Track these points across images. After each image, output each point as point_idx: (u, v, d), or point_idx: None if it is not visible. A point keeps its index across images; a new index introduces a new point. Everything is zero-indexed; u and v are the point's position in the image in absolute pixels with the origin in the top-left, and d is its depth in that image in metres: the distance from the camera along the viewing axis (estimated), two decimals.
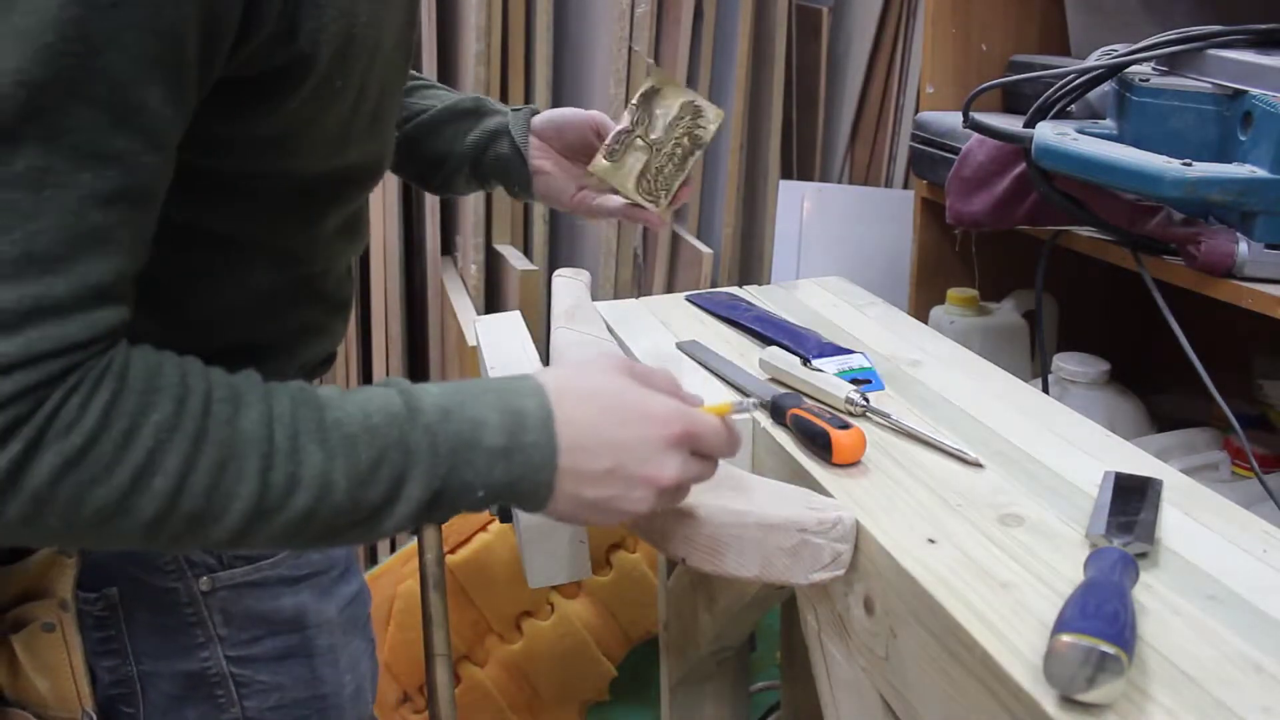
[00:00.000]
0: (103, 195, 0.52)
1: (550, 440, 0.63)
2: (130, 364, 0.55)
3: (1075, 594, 0.59)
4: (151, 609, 0.76)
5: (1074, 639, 0.54)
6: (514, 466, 0.62)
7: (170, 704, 0.78)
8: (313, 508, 0.58)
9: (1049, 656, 0.55)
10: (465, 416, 0.62)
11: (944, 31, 1.58)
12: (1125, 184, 1.08)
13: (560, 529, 0.91)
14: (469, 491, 0.62)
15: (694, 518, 0.72)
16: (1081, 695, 0.54)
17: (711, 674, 1.26)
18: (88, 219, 0.52)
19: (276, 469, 0.57)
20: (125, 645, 0.76)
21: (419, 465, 0.60)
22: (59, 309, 0.52)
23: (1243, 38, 1.10)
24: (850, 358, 0.99)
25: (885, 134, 2.20)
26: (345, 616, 0.85)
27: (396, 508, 0.60)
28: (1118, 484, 0.76)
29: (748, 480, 0.78)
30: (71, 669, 0.74)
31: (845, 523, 0.72)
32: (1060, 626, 0.56)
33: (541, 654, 1.61)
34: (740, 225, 2.08)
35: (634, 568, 1.63)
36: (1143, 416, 1.45)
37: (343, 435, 0.59)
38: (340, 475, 0.58)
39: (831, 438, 0.80)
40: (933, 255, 1.63)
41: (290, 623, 0.80)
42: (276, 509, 0.57)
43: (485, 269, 1.93)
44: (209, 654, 0.78)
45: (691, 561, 0.74)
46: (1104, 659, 0.53)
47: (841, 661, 0.77)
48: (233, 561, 0.77)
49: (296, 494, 0.57)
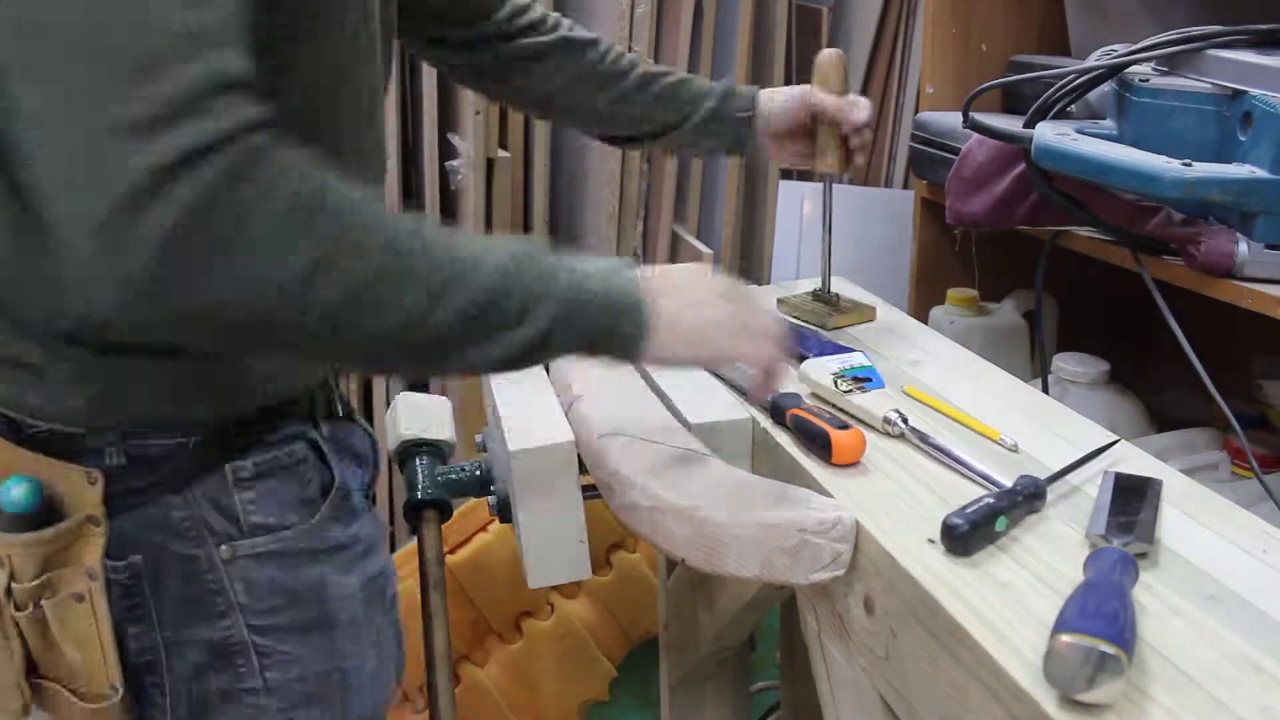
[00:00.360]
0: None
1: (641, 292, 0.71)
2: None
3: (1075, 594, 0.59)
4: (175, 577, 0.76)
5: (1074, 639, 0.54)
6: (617, 317, 0.70)
7: (194, 673, 0.78)
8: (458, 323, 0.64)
9: (1049, 656, 0.55)
10: (580, 265, 0.70)
11: (944, 31, 1.58)
12: (1125, 184, 1.08)
13: (560, 529, 0.92)
14: (585, 327, 0.69)
15: (694, 518, 0.72)
16: (1081, 695, 0.54)
17: (711, 674, 1.26)
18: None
19: (439, 270, 0.63)
20: (150, 613, 0.77)
21: (547, 297, 0.67)
22: (242, 82, 0.57)
23: (1243, 38, 1.10)
24: (850, 356, 0.99)
25: (885, 134, 2.20)
26: (368, 592, 0.84)
27: (523, 329, 0.66)
28: (1118, 484, 0.76)
29: (747, 481, 0.78)
30: (100, 641, 0.75)
31: (845, 523, 0.72)
32: (1060, 626, 0.56)
33: (541, 654, 1.61)
34: (740, 225, 2.08)
35: (634, 568, 1.63)
36: (1143, 416, 1.45)
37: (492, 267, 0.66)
38: (494, 269, 0.65)
39: (831, 438, 0.80)
40: (933, 255, 1.63)
41: (311, 594, 0.80)
42: (439, 296, 0.63)
43: None
44: (230, 622, 0.78)
45: (692, 562, 0.74)
46: (1104, 659, 0.53)
47: (841, 661, 0.77)
48: (254, 530, 0.77)
49: (451, 302, 0.63)
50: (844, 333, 1.09)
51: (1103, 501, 0.73)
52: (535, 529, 0.91)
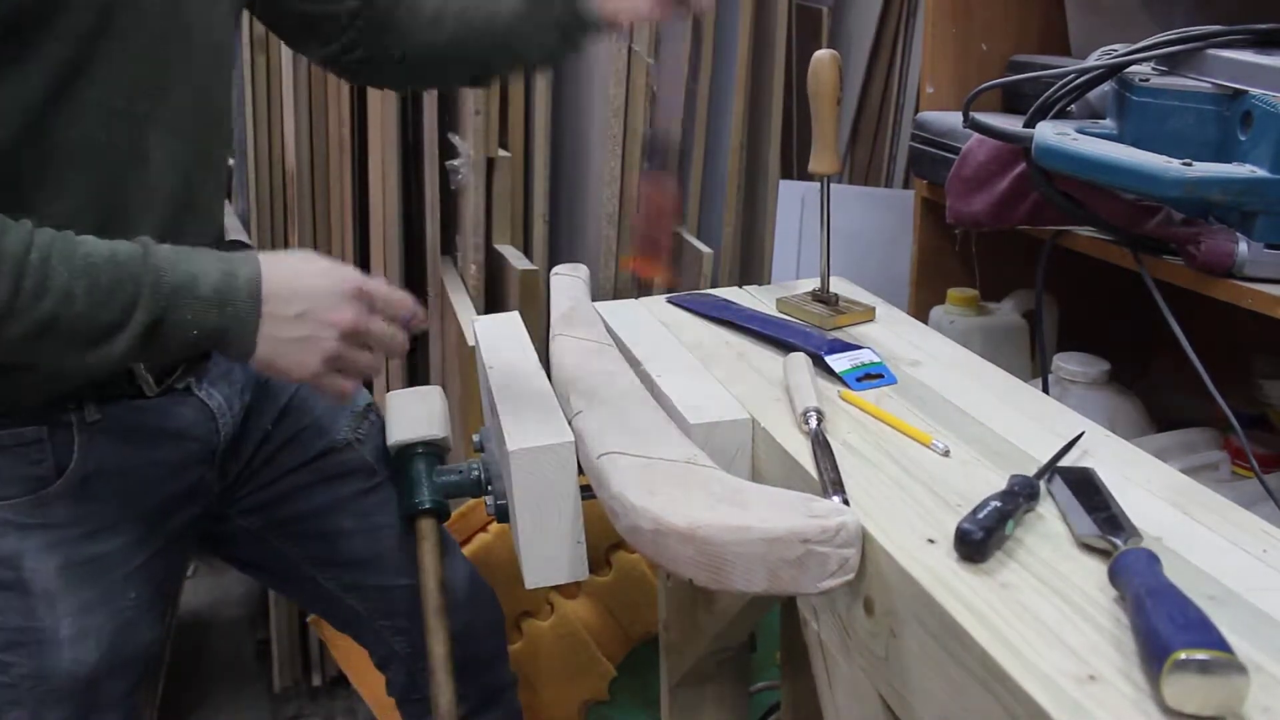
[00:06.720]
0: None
1: (255, 300, 0.80)
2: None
3: (1150, 607, 0.58)
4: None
5: (1193, 654, 0.53)
6: (224, 317, 0.80)
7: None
8: (55, 314, 0.75)
9: (1172, 680, 0.53)
10: (189, 268, 0.79)
11: (944, 31, 1.58)
12: (1125, 184, 1.08)
13: (558, 530, 0.92)
14: (185, 329, 0.79)
15: (696, 538, 0.71)
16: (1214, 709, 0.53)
17: (711, 674, 1.25)
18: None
19: (28, 277, 0.74)
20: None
21: (145, 295, 0.77)
22: None
23: (1243, 38, 1.10)
24: (860, 353, 0.99)
25: (885, 134, 2.20)
26: (77, 573, 0.96)
27: (126, 330, 0.77)
28: (1068, 480, 0.76)
29: (746, 490, 0.76)
30: None
31: (849, 528, 0.70)
32: (1169, 647, 0.54)
33: (541, 654, 1.61)
34: (740, 225, 2.08)
35: (634, 568, 1.63)
36: (1143, 416, 1.45)
37: (88, 262, 0.76)
38: (81, 291, 0.75)
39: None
40: (933, 255, 1.63)
41: (8, 561, 0.94)
42: (25, 310, 0.74)
43: (485, 269, 1.93)
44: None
45: (700, 581, 0.72)
46: (1229, 666, 0.53)
47: (841, 661, 0.77)
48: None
49: (43, 300, 0.74)
50: (844, 333, 1.09)
51: (1068, 500, 0.73)
52: (533, 529, 0.91)
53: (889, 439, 0.86)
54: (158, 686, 1.90)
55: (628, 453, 0.82)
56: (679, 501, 0.74)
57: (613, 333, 1.12)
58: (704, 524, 0.71)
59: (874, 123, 2.22)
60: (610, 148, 1.90)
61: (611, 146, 1.90)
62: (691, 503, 0.74)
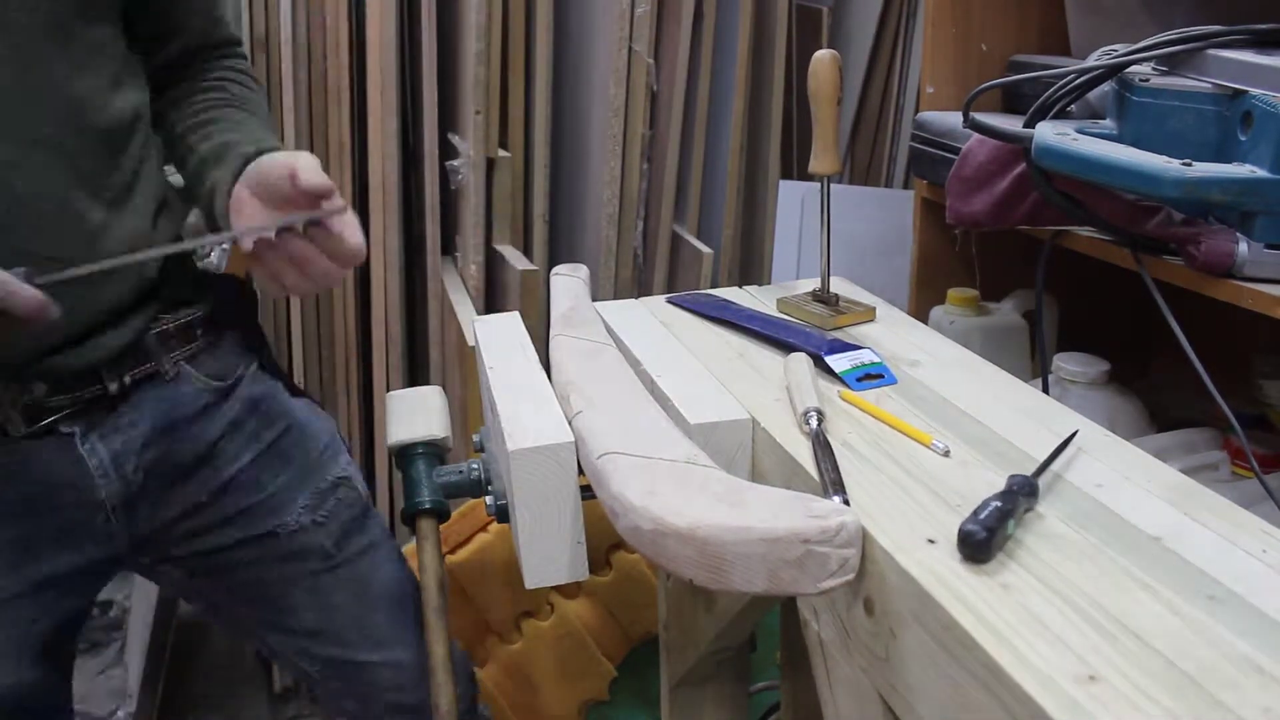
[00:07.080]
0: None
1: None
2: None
3: None
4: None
5: None
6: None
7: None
8: None
9: None
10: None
11: (944, 31, 1.58)
12: (1125, 184, 1.08)
13: (558, 530, 0.91)
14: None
15: (696, 538, 0.71)
16: None
17: (711, 674, 1.25)
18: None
19: None
20: None
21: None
22: None
23: (1243, 38, 1.10)
24: (860, 353, 0.99)
25: (885, 134, 2.20)
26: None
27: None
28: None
29: (744, 491, 0.76)
30: None
31: (849, 528, 0.70)
32: None
33: (541, 654, 1.61)
34: (740, 225, 2.08)
35: (634, 568, 1.63)
36: (1143, 416, 1.45)
37: None
38: None
39: None
40: (933, 255, 1.63)
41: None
42: None
43: (485, 269, 1.93)
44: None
45: (699, 581, 0.73)
46: None
47: (841, 661, 0.77)
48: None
49: None
50: (844, 333, 1.09)
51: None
52: (533, 529, 0.91)
53: (889, 439, 0.86)
54: (158, 687, 1.91)
55: (628, 453, 0.82)
56: (679, 502, 0.74)
57: (613, 333, 1.12)
58: (704, 524, 0.71)
59: (874, 123, 2.22)
60: (610, 148, 1.90)
61: (611, 146, 1.90)
62: (691, 503, 0.74)
